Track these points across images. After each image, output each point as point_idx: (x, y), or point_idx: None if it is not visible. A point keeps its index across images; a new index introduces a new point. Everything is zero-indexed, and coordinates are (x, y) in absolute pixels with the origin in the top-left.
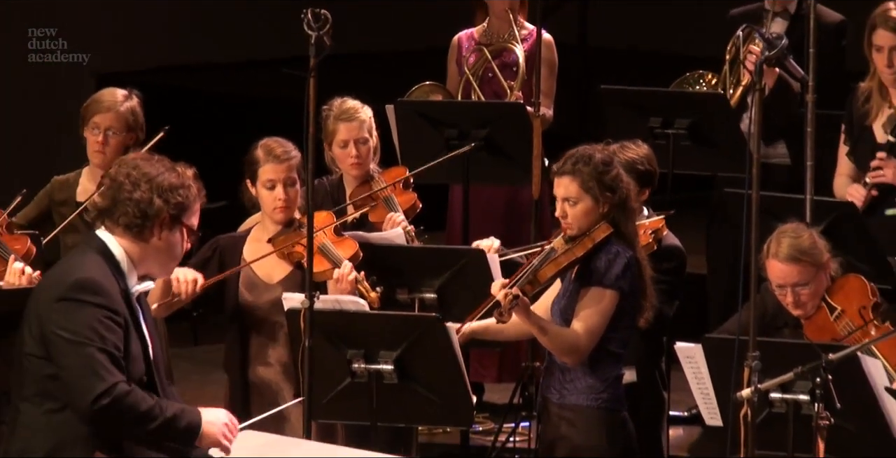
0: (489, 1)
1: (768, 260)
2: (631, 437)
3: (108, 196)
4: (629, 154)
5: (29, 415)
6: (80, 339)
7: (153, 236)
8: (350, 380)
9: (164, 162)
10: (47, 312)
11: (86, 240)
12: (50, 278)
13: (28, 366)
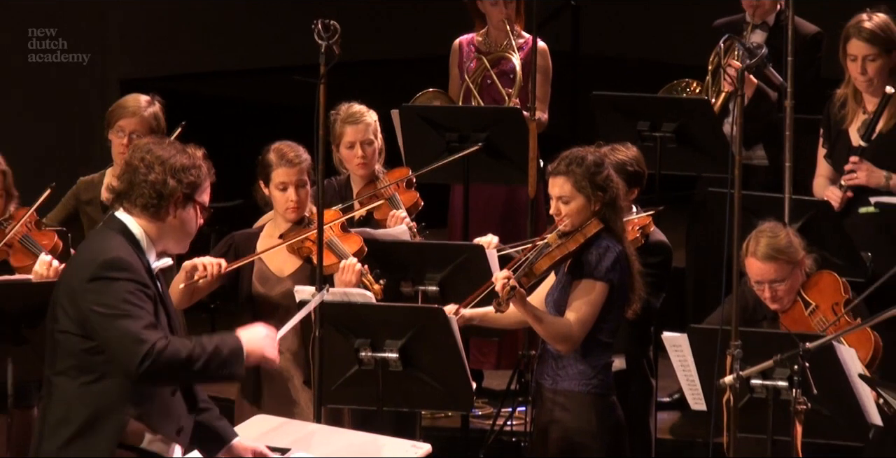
0: (487, 12)
1: (747, 258)
2: (620, 420)
3: (125, 180)
4: (619, 156)
5: (65, 388)
6: (116, 311)
7: (169, 214)
8: (357, 367)
9: (175, 145)
10: (82, 292)
11: (105, 221)
12: (78, 259)
13: (63, 342)
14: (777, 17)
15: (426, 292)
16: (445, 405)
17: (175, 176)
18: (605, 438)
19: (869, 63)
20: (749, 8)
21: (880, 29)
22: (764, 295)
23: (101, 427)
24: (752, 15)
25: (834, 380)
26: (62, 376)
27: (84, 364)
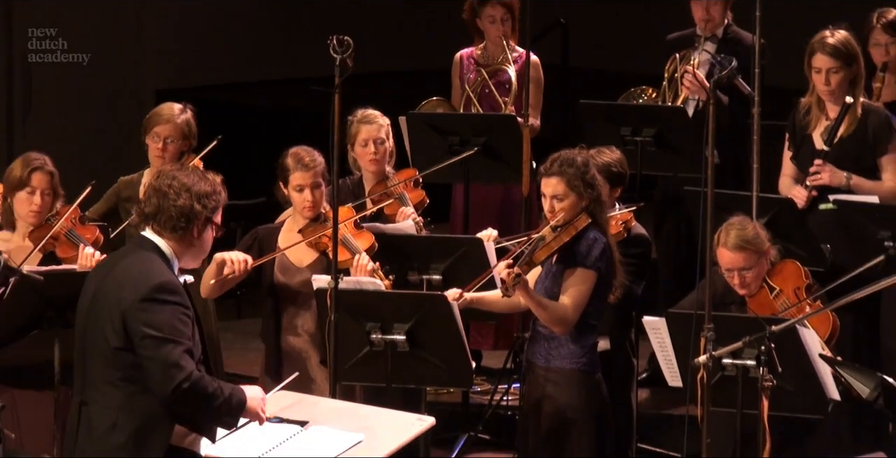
0: (485, 29)
1: (718, 248)
2: (605, 396)
3: (153, 204)
4: (604, 158)
5: (113, 396)
6: (164, 335)
7: (193, 235)
8: (369, 348)
9: (197, 172)
10: (134, 311)
11: (138, 241)
12: (125, 278)
13: (112, 356)
14: (725, 30)
15: (430, 281)
16: (448, 382)
17: (200, 201)
18: (593, 411)
19: (832, 75)
20: (701, 22)
21: (842, 44)
22: (733, 281)
23: (153, 434)
24: (704, 28)
25: (797, 359)
26: (110, 385)
27: (132, 376)
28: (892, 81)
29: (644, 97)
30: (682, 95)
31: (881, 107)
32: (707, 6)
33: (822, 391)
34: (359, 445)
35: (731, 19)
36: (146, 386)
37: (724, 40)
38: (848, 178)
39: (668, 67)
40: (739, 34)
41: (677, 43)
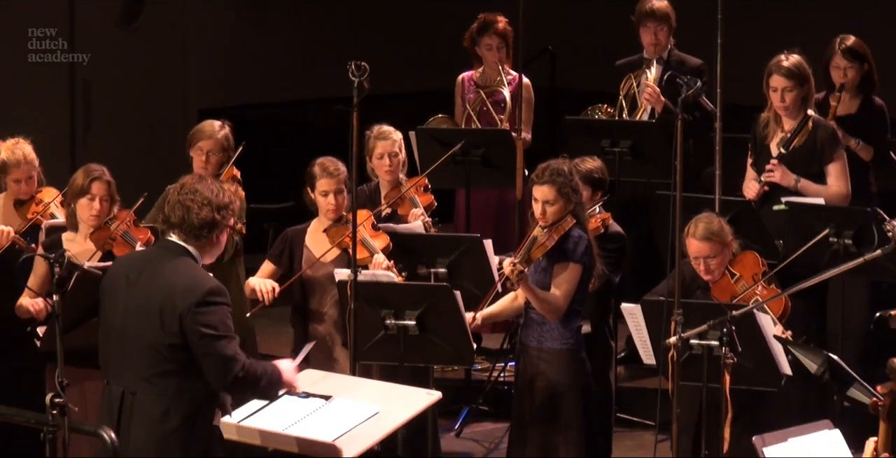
0: (483, 55)
1: (688, 239)
2: (589, 372)
3: (178, 216)
4: (588, 166)
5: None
6: (219, 333)
7: (212, 239)
8: (384, 332)
9: (215, 183)
10: (191, 314)
11: (169, 247)
12: (176, 285)
13: (165, 352)
14: (668, 53)
15: (437, 274)
16: (452, 361)
17: (220, 212)
18: (579, 386)
19: (787, 93)
20: (650, 46)
21: (795, 67)
22: (700, 268)
23: (200, 418)
24: (652, 52)
25: (754, 340)
26: (160, 377)
27: (183, 369)
28: (848, 98)
29: (599, 113)
30: (640, 108)
31: (829, 122)
32: (655, 32)
33: (776, 368)
34: (375, 416)
35: (674, 44)
36: (204, 377)
37: (668, 62)
38: (797, 180)
39: (623, 86)
40: (682, 57)
41: (626, 67)
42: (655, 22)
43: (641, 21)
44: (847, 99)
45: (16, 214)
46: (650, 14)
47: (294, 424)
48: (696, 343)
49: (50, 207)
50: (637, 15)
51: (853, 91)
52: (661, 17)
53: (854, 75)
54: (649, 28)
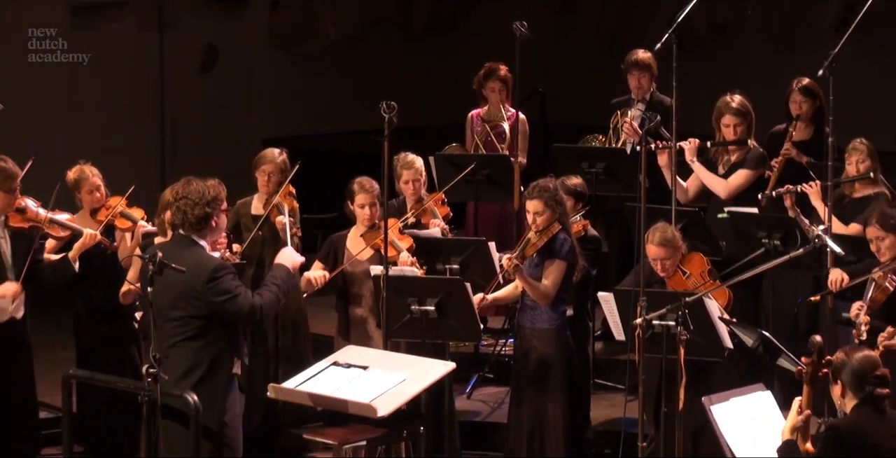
0: (488, 96)
1: (647, 244)
2: (572, 347)
3: (179, 218)
4: (571, 182)
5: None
6: (232, 295)
7: (211, 225)
8: (409, 316)
9: (200, 184)
10: (204, 291)
11: (180, 240)
12: (189, 270)
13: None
14: (651, 95)
15: (451, 269)
16: (463, 338)
17: (209, 206)
18: (564, 358)
19: (737, 127)
20: (635, 89)
21: (741, 105)
22: (657, 268)
23: (221, 368)
24: (636, 94)
25: (703, 321)
26: (184, 342)
27: (200, 333)
28: (803, 127)
29: (595, 142)
30: (622, 139)
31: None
32: (639, 78)
33: (720, 342)
34: (403, 382)
35: (655, 88)
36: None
37: (650, 102)
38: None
39: (612, 120)
40: (661, 97)
41: (617, 104)
42: (639, 70)
43: (628, 69)
44: (802, 128)
45: (93, 221)
46: (635, 64)
47: (338, 388)
48: (657, 323)
49: (118, 209)
50: (625, 64)
51: (807, 121)
52: (644, 66)
53: (808, 108)
54: (634, 75)
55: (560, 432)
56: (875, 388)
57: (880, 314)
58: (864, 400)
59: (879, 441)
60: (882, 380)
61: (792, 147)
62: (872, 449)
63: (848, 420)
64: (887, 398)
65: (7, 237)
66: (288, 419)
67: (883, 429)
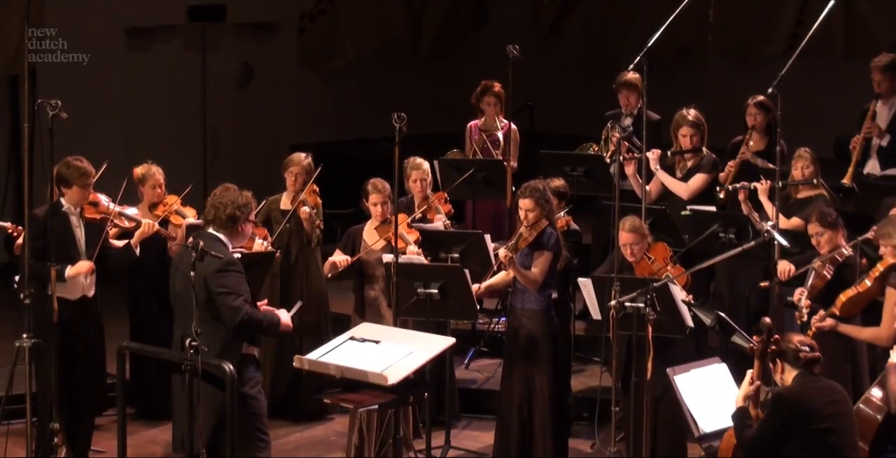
0: (485, 109)
1: (619, 232)
2: (556, 325)
3: (212, 214)
4: (556, 184)
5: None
6: (229, 290)
7: (237, 228)
8: (416, 297)
9: (236, 191)
10: (213, 278)
11: (208, 236)
12: (207, 261)
13: (202, 305)
14: (638, 110)
15: (452, 258)
16: (462, 317)
17: (239, 210)
18: (549, 334)
19: (693, 137)
20: (624, 106)
21: (696, 118)
22: (626, 252)
23: (231, 348)
24: (625, 110)
25: (668, 302)
26: (202, 324)
27: (215, 317)
28: (758, 138)
29: (590, 150)
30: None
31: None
32: (627, 96)
33: (683, 321)
34: (410, 354)
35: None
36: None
37: (637, 116)
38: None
39: (605, 131)
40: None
41: (611, 116)
42: (627, 89)
43: (618, 88)
44: (758, 138)
45: (150, 215)
46: (624, 84)
47: (354, 360)
48: (628, 305)
49: (174, 207)
50: (616, 83)
51: (761, 132)
52: (632, 86)
53: (761, 120)
54: (623, 93)
55: (546, 398)
56: (808, 353)
57: (819, 299)
58: (800, 369)
59: (816, 407)
60: (811, 347)
61: (748, 151)
62: (810, 413)
63: (790, 388)
64: (818, 361)
65: (82, 226)
66: (311, 386)
67: (819, 396)
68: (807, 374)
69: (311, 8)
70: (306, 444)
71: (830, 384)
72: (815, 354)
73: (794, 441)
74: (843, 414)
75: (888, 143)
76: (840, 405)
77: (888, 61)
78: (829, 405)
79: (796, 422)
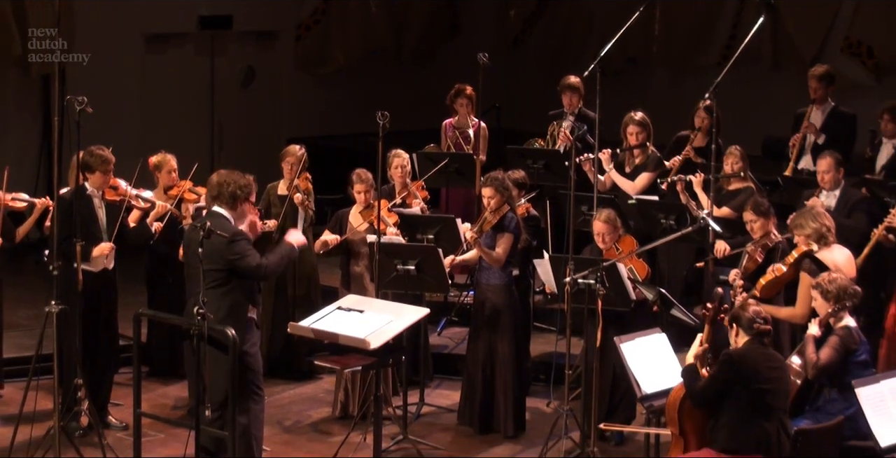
0: (458, 109)
1: (594, 221)
2: (517, 298)
3: (217, 192)
4: (516, 175)
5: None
6: (243, 254)
7: (238, 207)
8: (395, 273)
9: (238, 174)
10: (226, 250)
11: (214, 213)
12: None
13: (214, 274)
14: (579, 110)
15: (427, 239)
16: (436, 290)
17: (241, 189)
18: (511, 307)
19: (639, 135)
20: (567, 105)
21: (642, 119)
22: (598, 241)
23: (238, 310)
24: (568, 109)
25: (615, 278)
26: (211, 289)
27: (223, 283)
28: (701, 137)
29: (536, 144)
30: (558, 143)
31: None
32: (570, 97)
33: (627, 295)
34: (390, 322)
35: (582, 104)
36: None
37: (578, 115)
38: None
39: (550, 129)
40: (586, 112)
41: (554, 116)
42: (570, 91)
43: (562, 90)
44: (701, 137)
45: (165, 197)
46: (567, 86)
47: (341, 327)
48: (582, 282)
49: (186, 191)
50: (560, 86)
51: (705, 132)
52: (574, 88)
53: (707, 123)
54: (567, 95)
55: (507, 362)
56: (761, 325)
57: (751, 279)
58: (751, 337)
59: (759, 368)
60: (766, 320)
61: (691, 150)
62: (754, 373)
63: (739, 350)
64: (768, 333)
65: (103, 207)
66: (302, 349)
67: (763, 360)
68: (756, 342)
69: (308, 19)
70: (298, 400)
71: (774, 353)
72: (768, 327)
73: (735, 397)
74: (780, 380)
75: (823, 141)
76: (780, 372)
77: (823, 71)
78: (771, 369)
79: (740, 380)
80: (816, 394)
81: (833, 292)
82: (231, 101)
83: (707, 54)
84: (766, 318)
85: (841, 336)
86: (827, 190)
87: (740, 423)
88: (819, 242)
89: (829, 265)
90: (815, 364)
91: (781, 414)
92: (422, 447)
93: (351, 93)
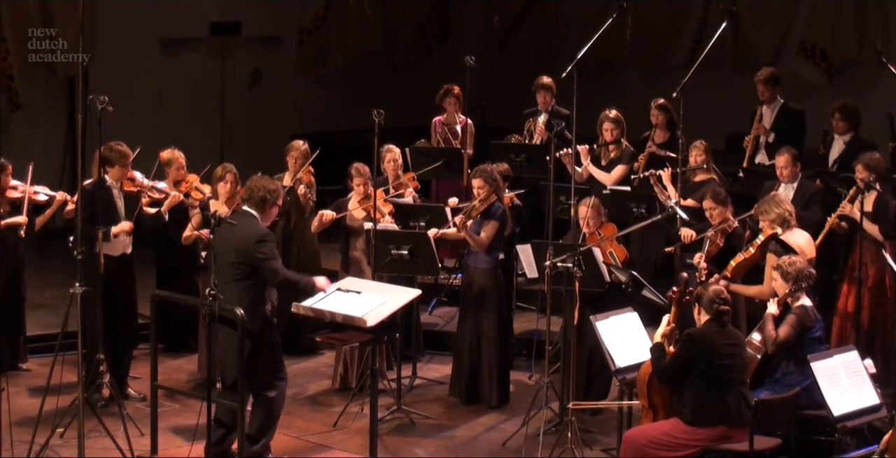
0: (446, 107)
1: (581, 207)
2: (502, 281)
3: (248, 195)
4: (501, 168)
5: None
6: (269, 257)
7: (266, 210)
8: (390, 257)
9: (268, 180)
10: (254, 247)
11: (243, 213)
12: (246, 234)
13: (237, 268)
14: (552, 107)
15: (419, 226)
16: (426, 273)
17: (270, 194)
18: (496, 288)
19: (613, 132)
20: (541, 103)
21: (616, 116)
22: (583, 225)
23: (258, 304)
24: (542, 107)
25: (591, 262)
26: (234, 283)
27: (246, 277)
28: (660, 133)
29: (512, 139)
30: (535, 138)
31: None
32: (543, 96)
33: (602, 278)
34: (385, 302)
35: (554, 102)
36: (256, 283)
37: (552, 112)
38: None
39: (527, 125)
40: (559, 109)
41: (529, 114)
42: (544, 90)
43: (536, 89)
44: (660, 133)
45: (175, 189)
46: (541, 86)
47: (340, 306)
48: (560, 264)
49: (194, 184)
50: (534, 85)
51: (663, 128)
52: (547, 87)
53: (662, 119)
54: (541, 93)
55: (492, 339)
56: (720, 306)
57: (713, 261)
58: (711, 316)
59: (718, 346)
60: (725, 301)
61: (653, 145)
62: (713, 350)
63: (699, 329)
64: (727, 313)
65: (122, 198)
66: (305, 327)
67: (722, 338)
68: (715, 321)
69: (309, 24)
70: (301, 373)
71: (733, 331)
72: (726, 307)
73: (696, 373)
74: (738, 356)
75: (774, 140)
76: (737, 348)
77: (767, 75)
78: (729, 346)
79: (700, 357)
80: (775, 367)
81: (792, 274)
82: (239, 100)
83: (674, 56)
84: (726, 298)
85: (798, 314)
86: (785, 183)
87: (703, 397)
88: (783, 225)
89: (794, 247)
90: (774, 340)
91: (741, 387)
92: (414, 416)
93: (349, 92)
